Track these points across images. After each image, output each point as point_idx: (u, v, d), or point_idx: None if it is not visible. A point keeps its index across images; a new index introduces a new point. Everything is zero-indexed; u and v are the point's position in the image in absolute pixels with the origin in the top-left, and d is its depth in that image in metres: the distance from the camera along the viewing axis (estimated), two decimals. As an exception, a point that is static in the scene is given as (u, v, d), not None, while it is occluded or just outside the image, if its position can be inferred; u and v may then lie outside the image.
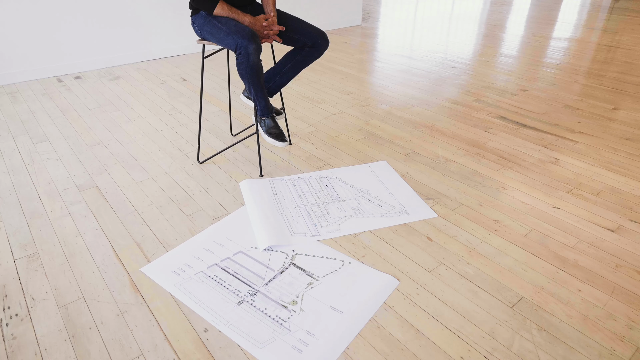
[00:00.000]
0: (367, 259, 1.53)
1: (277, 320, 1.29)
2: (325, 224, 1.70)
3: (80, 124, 2.55)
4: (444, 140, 2.37)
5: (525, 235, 1.65)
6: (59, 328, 1.26)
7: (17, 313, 1.30)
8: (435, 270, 1.48)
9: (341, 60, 3.85)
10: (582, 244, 1.60)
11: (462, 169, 2.09)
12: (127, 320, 1.29)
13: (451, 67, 3.67)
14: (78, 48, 3.42)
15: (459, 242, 1.61)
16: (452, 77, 3.40)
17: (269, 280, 1.44)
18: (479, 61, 3.83)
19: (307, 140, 2.37)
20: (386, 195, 1.88)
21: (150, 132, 2.45)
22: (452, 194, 1.89)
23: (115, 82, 3.25)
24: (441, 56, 3.98)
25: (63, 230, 1.66)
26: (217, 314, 1.31)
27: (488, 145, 2.33)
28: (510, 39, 4.69)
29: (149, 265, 1.49)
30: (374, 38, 4.65)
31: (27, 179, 1.99)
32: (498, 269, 1.48)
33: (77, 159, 2.16)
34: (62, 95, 2.99)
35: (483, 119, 2.64)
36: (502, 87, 3.20)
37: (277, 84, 2.02)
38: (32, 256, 1.53)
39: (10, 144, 2.31)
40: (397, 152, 2.25)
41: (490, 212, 1.78)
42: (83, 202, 1.83)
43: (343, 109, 2.79)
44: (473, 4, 7.14)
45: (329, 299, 1.36)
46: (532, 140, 2.38)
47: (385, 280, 1.43)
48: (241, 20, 1.74)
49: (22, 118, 2.62)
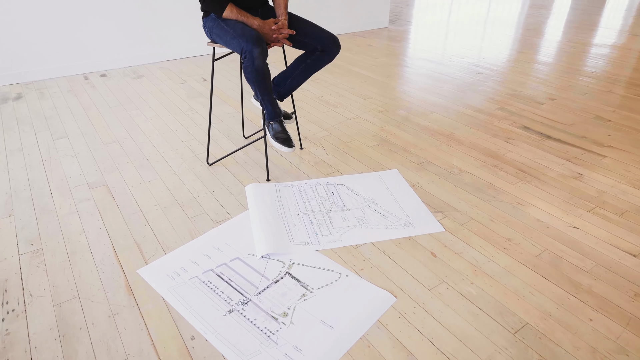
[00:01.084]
0: (366, 272, 1.48)
1: (266, 332, 1.26)
2: (326, 233, 1.66)
3: (99, 121, 2.61)
4: (460, 150, 2.28)
5: (537, 255, 1.55)
6: (51, 327, 1.27)
7: (14, 309, 1.33)
8: (435, 289, 1.41)
9: (363, 63, 3.79)
10: (599, 269, 1.49)
11: (477, 181, 2.00)
12: (117, 322, 1.29)
13: (477, 72, 3.54)
14: (104, 46, 3.51)
15: (464, 259, 1.54)
16: (477, 84, 3.28)
17: (262, 289, 1.41)
18: (508, 67, 3.69)
19: (319, 145, 2.34)
20: (393, 206, 1.82)
21: (164, 132, 2.48)
22: (463, 208, 1.81)
23: (137, 81, 3.32)
24: (468, 61, 3.86)
25: (68, 228, 1.69)
26: (206, 321, 1.29)
27: (507, 156, 2.22)
28: (545, 44, 4.50)
29: (146, 268, 1.49)
30: (400, 41, 4.56)
31: (42, 175, 2.05)
32: (503, 290, 1.40)
33: (91, 157, 2.21)
34: (86, 93, 3.07)
35: (504, 129, 2.53)
36: (529, 95, 3.06)
37: (288, 87, 1.99)
38: (36, 252, 1.56)
39: (32, 139, 2.39)
40: (409, 160, 2.18)
41: (501, 228, 1.69)
42: (91, 200, 1.86)
43: (359, 113, 2.74)
44: (510, 7, 6.91)
45: (321, 312, 1.32)
46: (555, 153, 2.25)
47: (382, 296, 1.38)
48: (250, 24, 1.72)
49: (46, 114, 2.71)
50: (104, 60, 3.54)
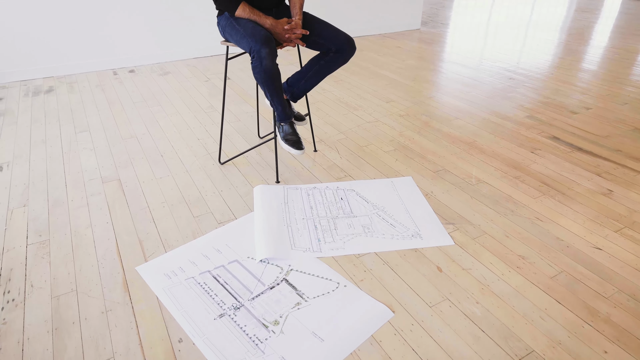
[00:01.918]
0: (365, 283, 1.42)
1: (254, 339, 1.22)
2: (329, 240, 1.61)
3: (121, 116, 2.67)
4: (481, 159, 2.17)
5: (552, 277, 1.44)
6: (46, 319, 1.28)
7: (14, 298, 1.36)
8: (437, 306, 1.33)
9: (390, 65, 3.70)
10: (621, 295, 1.36)
11: (495, 193, 1.89)
12: (110, 319, 1.29)
13: (509, 78, 3.39)
14: (134, 43, 3.59)
15: (472, 276, 1.45)
16: (507, 90, 3.13)
17: (256, 294, 1.38)
18: (544, 73, 3.51)
19: (334, 148, 2.29)
20: (402, 215, 1.75)
21: (182, 129, 2.50)
22: (477, 220, 1.72)
23: (163, 78, 3.37)
24: (501, 66, 3.70)
25: (77, 221, 1.72)
26: (195, 324, 1.27)
27: (531, 168, 2.09)
28: (588, 50, 4.26)
29: (144, 265, 1.49)
30: (431, 43, 4.44)
31: (61, 167, 2.10)
32: (511, 313, 1.30)
33: (109, 151, 2.25)
34: (113, 88, 3.15)
35: (532, 138, 2.39)
36: (562, 103, 2.89)
37: (301, 89, 1.95)
38: (43, 243, 1.59)
39: (56, 132, 2.46)
40: (426, 168, 2.10)
41: (516, 245, 1.59)
42: (102, 194, 1.89)
43: (379, 117, 2.66)
44: (555, 10, 6.61)
45: (313, 323, 1.27)
46: (584, 167, 2.11)
47: (379, 310, 1.32)
48: (262, 23, 1.69)
49: (72, 108, 2.79)
50: (133, 57, 3.63)
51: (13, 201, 1.84)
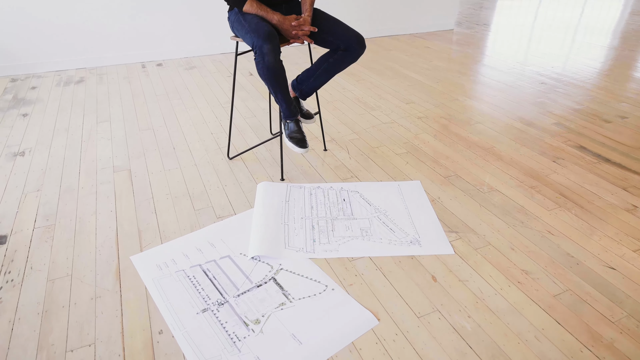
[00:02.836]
0: (354, 288, 1.38)
1: (232, 337, 1.21)
2: (325, 241, 1.58)
3: (142, 108, 2.73)
4: (497, 166, 2.07)
5: (555, 295, 1.35)
6: (39, 301, 1.33)
7: (13, 279, 1.41)
8: (426, 317, 1.28)
9: (415, 65, 3.61)
10: (629, 321, 1.26)
11: (507, 203, 1.80)
12: (97, 305, 1.31)
13: (540, 82, 3.22)
14: (163, 37, 3.68)
15: (468, 288, 1.38)
16: (537, 94, 2.98)
17: (242, 292, 1.37)
18: (581, 79, 3.31)
19: (344, 148, 2.25)
20: (404, 220, 1.69)
21: (198, 123, 2.53)
22: (482, 230, 1.64)
23: (188, 72, 3.43)
24: (533, 69, 3.52)
25: (84, 208, 1.77)
26: (178, 317, 1.28)
27: (550, 178, 1.98)
28: (634, 56, 3.99)
29: (138, 255, 1.52)
30: (462, 45, 4.30)
31: (77, 155, 2.18)
32: (504, 330, 1.23)
33: (124, 142, 2.31)
34: (139, 80, 3.24)
35: (556, 147, 2.26)
36: (596, 111, 2.71)
37: (310, 86, 1.93)
38: (48, 227, 1.65)
39: (79, 121, 2.55)
40: (437, 172, 2.02)
41: (521, 259, 1.50)
42: (111, 183, 1.94)
43: (396, 118, 2.60)
44: (607, 13, 6.24)
45: (295, 325, 1.25)
46: (610, 179, 1.97)
47: (364, 316, 1.28)
48: (269, 19, 1.68)
49: (98, 98, 2.89)
50: (162, 51, 3.72)
51: (28, 185, 1.92)
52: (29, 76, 3.33)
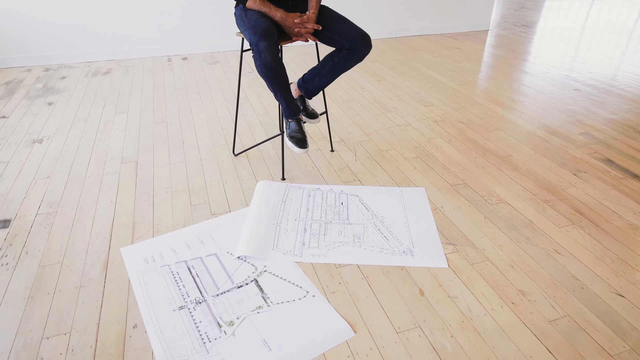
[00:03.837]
0: (336, 296, 1.33)
1: (204, 337, 1.20)
2: (314, 245, 1.54)
3: (160, 101, 2.78)
4: (511, 177, 1.95)
5: (552, 320, 1.25)
6: (27, 286, 1.36)
7: (8, 262, 1.46)
8: (405, 333, 1.21)
9: (442, 67, 3.48)
10: (632, 356, 1.14)
11: (515, 216, 1.69)
12: (80, 295, 1.34)
13: (574, 88, 3.02)
14: (190, 32, 3.74)
15: (456, 305, 1.30)
16: (567, 101, 2.80)
17: (222, 291, 1.35)
18: (619, 86, 3.09)
19: (352, 150, 2.19)
20: (400, 228, 1.62)
21: (211, 118, 2.55)
22: (483, 244, 1.54)
23: (211, 66, 3.47)
24: (568, 74, 3.32)
25: (86, 197, 1.81)
26: (154, 313, 1.28)
27: (567, 192, 1.84)
28: (681, 62, 3.68)
29: (128, 247, 1.53)
30: (497, 46, 4.11)
31: (91, 145, 2.24)
32: (487, 354, 1.15)
33: (137, 133, 2.35)
34: (163, 73, 3.30)
35: (579, 159, 2.11)
36: (630, 122, 2.52)
37: (316, 86, 1.89)
38: (50, 214, 1.70)
39: (98, 111, 2.63)
40: (444, 180, 1.93)
41: (520, 278, 1.40)
42: (117, 174, 1.98)
43: (411, 121, 2.51)
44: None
45: (268, 330, 1.22)
46: (635, 197, 1.81)
47: (340, 327, 1.23)
48: (272, 15, 1.65)
49: (121, 90, 2.97)
50: (188, 45, 3.78)
51: (40, 172, 1.99)
52: (61, 66, 3.48)
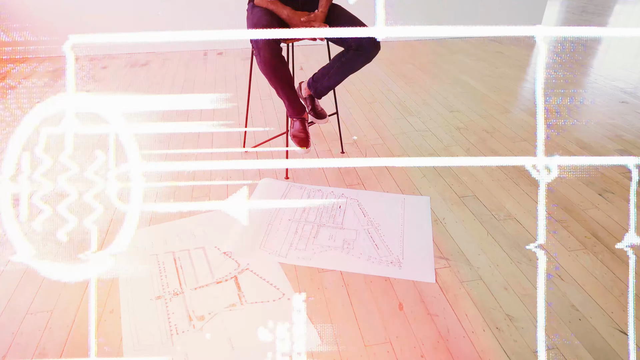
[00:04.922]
0: (312, 302, 1.31)
1: (172, 329, 1.22)
2: (301, 247, 1.52)
3: (187, 94, 2.86)
4: (526, 191, 1.83)
5: (536, 351, 1.15)
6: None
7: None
8: (373, 347, 1.17)
9: (477, 71, 3.32)
10: (620, 401, 1.03)
11: (521, 235, 1.58)
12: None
13: (621, 101, 2.78)
14: (227, 27, 3.81)
15: (434, 324, 1.23)
16: (610, 114, 2.58)
17: (200, 285, 1.37)
18: (674, 100, 2.80)
19: (363, 153, 2.14)
20: (394, 237, 1.56)
21: (231, 113, 2.58)
22: (479, 262, 1.45)
23: (243, 62, 3.52)
24: (618, 85, 3.05)
25: (98, 182, 1.90)
26: (132, 300, 1.31)
27: (586, 213, 1.69)
28: None
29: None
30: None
31: (113, 132, 2.34)
32: (456, 380, 1.08)
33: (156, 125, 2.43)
34: (196, 67, 3.40)
35: (609, 177, 1.93)
36: (681, 140, 2.28)
37: (325, 85, 1.86)
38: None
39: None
40: (452, 190, 1.84)
41: (511, 302, 1.30)
42: (130, 162, 2.05)
43: (432, 127, 2.41)
44: None
45: (236, 329, 1.22)
46: (665, 225, 1.63)
47: (307, 335, 1.20)
48: (279, 13, 1.64)
49: (153, 81, 3.09)
50: (225, 40, 3.86)
51: (62, 156, 2.10)
52: (106, 56, 3.67)
